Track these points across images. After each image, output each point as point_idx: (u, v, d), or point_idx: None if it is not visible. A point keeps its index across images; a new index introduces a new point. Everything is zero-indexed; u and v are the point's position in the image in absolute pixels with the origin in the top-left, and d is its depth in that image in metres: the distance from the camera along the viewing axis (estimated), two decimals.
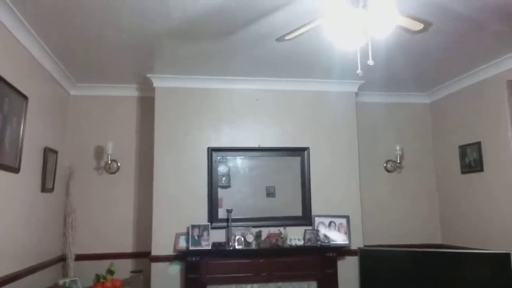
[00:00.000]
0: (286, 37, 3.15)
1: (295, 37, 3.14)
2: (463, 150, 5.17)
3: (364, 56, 2.91)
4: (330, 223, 5.01)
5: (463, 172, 5.18)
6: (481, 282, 4.42)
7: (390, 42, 3.82)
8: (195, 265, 4.60)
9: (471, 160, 5.02)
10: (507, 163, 4.51)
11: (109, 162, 5.05)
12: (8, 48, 3.42)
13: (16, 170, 3.55)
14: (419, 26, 2.95)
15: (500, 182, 4.60)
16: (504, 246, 4.43)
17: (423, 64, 4.68)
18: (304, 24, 2.98)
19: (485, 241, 4.73)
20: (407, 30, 3.03)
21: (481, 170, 4.87)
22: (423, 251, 4.91)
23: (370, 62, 2.77)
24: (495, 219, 4.66)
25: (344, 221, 5.01)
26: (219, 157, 5.01)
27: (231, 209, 4.78)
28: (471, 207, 5.04)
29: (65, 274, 4.77)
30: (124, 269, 4.85)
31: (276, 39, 3.33)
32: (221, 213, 4.89)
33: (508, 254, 4.23)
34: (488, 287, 4.35)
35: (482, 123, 4.88)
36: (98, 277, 4.60)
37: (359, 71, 2.91)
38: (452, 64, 4.71)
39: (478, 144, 4.90)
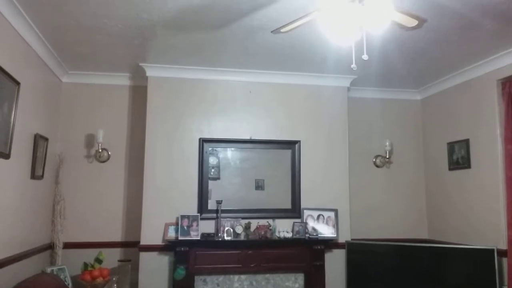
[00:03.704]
0: (282, 30, 3.16)
1: (291, 30, 3.15)
2: (451, 147, 5.23)
3: (359, 51, 2.93)
4: (318, 216, 5.04)
5: (450, 169, 5.25)
6: (466, 277, 4.51)
7: (384, 38, 3.86)
8: (184, 255, 4.62)
9: (459, 157, 5.09)
10: (494, 161, 4.58)
11: (100, 150, 5.02)
12: (1, 33, 3.38)
13: (6, 155, 3.52)
14: (414, 22, 2.98)
15: (487, 179, 4.67)
16: (489, 241, 4.50)
17: (416, 61, 4.72)
18: (300, 17, 2.99)
19: (471, 237, 4.80)
20: (401, 26, 3.05)
21: (469, 167, 4.93)
22: (409, 245, 4.99)
23: (365, 56, 2.79)
24: (481, 215, 4.73)
25: (332, 214, 5.06)
26: (210, 148, 5.02)
27: (221, 200, 4.80)
28: (457, 203, 5.11)
29: (52, 262, 4.76)
30: (112, 258, 4.82)
31: (272, 31, 3.33)
32: (211, 204, 4.90)
33: (492, 250, 4.31)
34: (472, 282, 4.44)
35: (471, 120, 4.95)
36: (86, 265, 4.60)
37: (353, 65, 2.94)
38: (444, 61, 4.76)
39: (467, 141, 4.96)
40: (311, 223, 5.02)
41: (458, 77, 5.10)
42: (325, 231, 5.01)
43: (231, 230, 4.76)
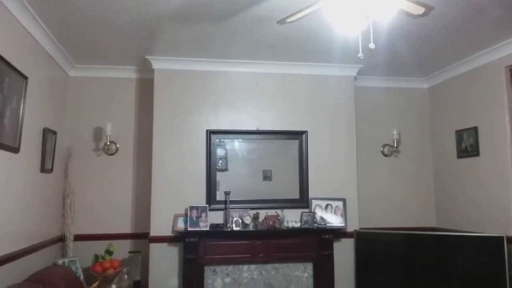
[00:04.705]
0: (288, 20, 3.15)
1: (297, 19, 3.15)
2: (459, 135, 5.20)
3: (365, 39, 2.92)
4: (326, 205, 5.05)
5: (459, 157, 5.23)
6: (475, 265, 4.50)
7: (391, 26, 3.83)
8: (193, 246, 4.65)
9: (468, 145, 5.07)
10: (502, 148, 4.55)
11: (108, 143, 5.05)
12: (8, 28, 3.40)
13: (16, 150, 3.56)
14: (420, 10, 2.96)
15: (495, 167, 4.65)
16: (498, 229, 4.49)
17: (423, 49, 4.69)
18: (306, 7, 2.98)
19: (479, 225, 4.79)
20: (408, 14, 3.03)
21: (477, 154, 4.91)
22: (418, 234, 4.99)
23: (371, 45, 2.78)
24: (489, 203, 4.72)
25: (340, 204, 5.06)
26: (217, 140, 5.03)
27: (229, 191, 4.80)
28: (466, 191, 5.10)
29: (64, 254, 4.81)
30: (122, 249, 4.89)
31: (278, 22, 3.32)
32: (219, 195, 4.92)
33: (502, 237, 4.30)
34: (482, 269, 4.44)
35: (479, 108, 4.91)
36: (96, 257, 4.65)
37: (360, 54, 2.93)
38: (452, 49, 4.72)
39: (475, 129, 4.94)
40: (319, 213, 5.02)
41: (466, 65, 5.06)
42: (334, 220, 5.01)
43: (240, 220, 4.78)
